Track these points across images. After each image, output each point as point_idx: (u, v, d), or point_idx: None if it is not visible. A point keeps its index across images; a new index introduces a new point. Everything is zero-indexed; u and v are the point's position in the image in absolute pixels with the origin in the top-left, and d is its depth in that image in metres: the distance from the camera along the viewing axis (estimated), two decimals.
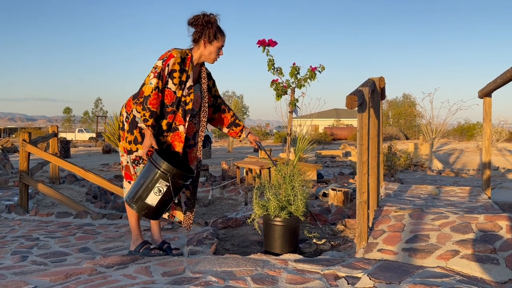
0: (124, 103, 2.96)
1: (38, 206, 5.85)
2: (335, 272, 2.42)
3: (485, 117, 4.51)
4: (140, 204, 2.75)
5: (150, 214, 2.81)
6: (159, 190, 2.71)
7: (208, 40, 2.82)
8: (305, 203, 3.14)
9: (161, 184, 2.70)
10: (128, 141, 2.88)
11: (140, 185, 2.75)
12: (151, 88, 2.69)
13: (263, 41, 3.34)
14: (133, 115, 2.84)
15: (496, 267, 2.44)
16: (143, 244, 3.00)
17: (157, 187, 2.70)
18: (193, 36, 2.88)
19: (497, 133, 18.87)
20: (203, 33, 2.81)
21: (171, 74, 2.75)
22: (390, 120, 40.69)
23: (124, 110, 2.92)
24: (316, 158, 14.32)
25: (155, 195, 2.72)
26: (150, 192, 2.72)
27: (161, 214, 2.86)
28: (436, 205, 3.83)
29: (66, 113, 60.94)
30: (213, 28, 2.81)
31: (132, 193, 2.79)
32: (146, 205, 2.74)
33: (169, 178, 2.68)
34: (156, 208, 2.76)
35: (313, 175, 7.56)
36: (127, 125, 2.88)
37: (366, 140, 2.90)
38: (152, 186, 2.71)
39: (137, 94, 2.85)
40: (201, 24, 2.80)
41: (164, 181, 2.69)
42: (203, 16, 2.81)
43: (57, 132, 8.06)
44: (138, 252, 2.96)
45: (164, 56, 2.76)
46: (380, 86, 3.65)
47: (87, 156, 18.44)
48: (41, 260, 2.94)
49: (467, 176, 8.83)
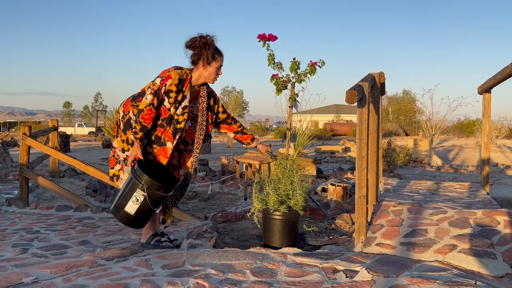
0: (122, 102, 3.04)
1: (38, 199, 5.87)
2: (333, 266, 2.44)
3: (484, 113, 4.52)
4: (121, 212, 2.83)
5: (130, 222, 2.87)
6: (137, 199, 2.79)
7: (206, 62, 2.87)
8: (304, 197, 3.15)
9: (138, 194, 2.78)
10: (121, 139, 2.99)
11: (122, 193, 2.85)
12: (146, 103, 2.77)
13: (263, 36, 3.34)
14: (129, 116, 2.94)
15: (494, 261, 2.46)
16: (154, 236, 3.08)
17: (135, 196, 2.78)
18: (191, 58, 2.93)
19: (497, 129, 18.89)
20: (201, 55, 2.86)
21: (167, 93, 2.83)
22: (390, 116, 40.69)
23: (121, 109, 3.01)
24: (316, 154, 14.34)
25: (133, 203, 2.80)
26: (128, 200, 2.80)
27: (142, 223, 2.92)
28: (434, 200, 3.85)
29: (65, 107, 60.83)
30: (210, 50, 2.86)
31: (115, 200, 2.89)
32: (125, 213, 2.82)
33: (145, 188, 2.76)
34: (135, 217, 2.82)
35: (313, 170, 7.58)
36: (122, 125, 2.98)
37: (365, 135, 2.91)
38: (130, 195, 2.80)
39: (137, 97, 2.96)
40: (199, 47, 2.85)
41: (140, 191, 2.77)
42: (200, 38, 2.86)
43: (57, 126, 8.06)
44: (149, 244, 3.04)
45: (163, 75, 2.82)
46: (380, 82, 3.66)
47: (86, 150, 18.45)
48: (41, 253, 2.96)
49: (466, 172, 8.85)
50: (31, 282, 2.28)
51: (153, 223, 3.13)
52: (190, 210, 5.14)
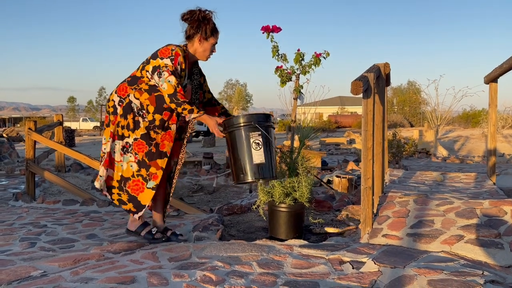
0: (114, 89, 2.86)
1: (44, 194, 5.90)
2: (340, 257, 2.44)
3: (490, 103, 4.48)
4: (252, 170, 2.64)
5: (267, 173, 2.68)
6: (257, 143, 2.62)
7: (204, 37, 2.77)
8: (310, 189, 3.15)
9: (254, 137, 2.62)
10: (121, 125, 2.78)
11: (238, 157, 2.66)
12: (173, 85, 2.63)
13: (267, 27, 3.32)
14: (129, 99, 2.75)
15: (501, 251, 2.45)
16: (144, 225, 2.94)
17: (253, 142, 2.61)
18: (187, 32, 2.80)
19: (503, 119, 18.75)
20: (199, 29, 2.75)
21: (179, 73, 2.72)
22: (395, 108, 40.48)
23: (115, 95, 2.81)
24: (320, 146, 14.31)
25: (257, 150, 2.62)
26: (251, 153, 2.62)
27: (274, 167, 2.74)
28: (440, 191, 3.84)
29: (70, 102, 61.06)
30: (209, 24, 2.76)
31: (238, 170, 2.69)
32: (257, 166, 2.64)
33: (256, 125, 2.60)
34: (267, 163, 2.65)
35: (318, 162, 7.57)
36: (120, 109, 2.77)
37: (371, 126, 2.90)
38: (249, 147, 2.62)
39: (134, 81, 2.78)
40: (197, 20, 2.75)
41: (255, 132, 2.62)
42: (199, 11, 2.76)
43: (62, 121, 8.09)
44: (139, 234, 2.92)
45: (169, 55, 2.68)
46: (385, 72, 3.64)
47: (91, 144, 18.53)
48: (49, 246, 2.98)
49: (472, 163, 8.80)
50: (39, 275, 2.30)
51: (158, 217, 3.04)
52: (195, 203, 5.15)
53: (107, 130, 2.84)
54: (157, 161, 2.78)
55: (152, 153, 2.77)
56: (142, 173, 2.79)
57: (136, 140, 2.76)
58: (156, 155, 2.78)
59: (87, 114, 55.10)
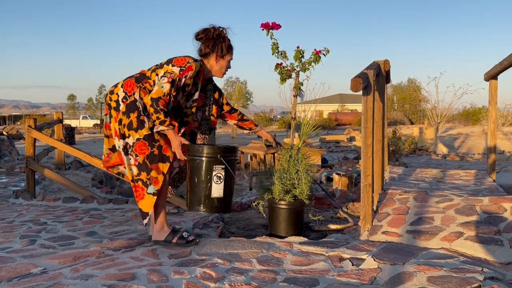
0: (119, 83, 2.73)
1: (44, 191, 5.91)
2: (339, 254, 2.45)
3: (490, 100, 4.48)
4: (208, 202, 2.60)
5: (223, 207, 2.65)
6: (219, 177, 2.57)
7: (220, 55, 2.71)
8: (310, 186, 3.15)
9: (217, 170, 2.56)
10: (122, 124, 2.65)
11: (196, 185, 2.60)
12: (163, 92, 2.52)
13: (267, 24, 3.32)
14: (134, 98, 2.64)
15: (500, 248, 2.45)
16: (174, 232, 2.75)
17: (215, 175, 2.56)
18: (202, 51, 2.73)
19: (503, 117, 18.75)
20: (215, 47, 2.70)
21: (184, 87, 2.65)
22: (395, 105, 40.45)
23: (120, 90, 2.68)
24: (320, 143, 14.31)
25: (217, 184, 2.57)
26: (211, 186, 2.58)
27: (231, 201, 2.70)
28: (440, 188, 3.84)
29: (70, 100, 60.99)
30: (225, 42, 2.72)
31: (193, 198, 2.63)
32: (214, 200, 2.60)
33: (221, 158, 2.55)
34: (225, 197, 2.62)
35: (318, 160, 7.57)
36: (123, 106, 2.65)
37: (370, 123, 2.90)
38: (209, 179, 2.57)
39: (140, 79, 2.69)
40: (212, 38, 2.69)
41: (218, 165, 2.56)
42: (213, 29, 2.70)
43: (62, 119, 8.09)
44: (171, 242, 2.71)
45: (182, 65, 2.61)
46: (385, 69, 3.63)
47: (92, 142, 18.53)
48: (49, 244, 2.98)
49: (472, 160, 8.80)
50: (39, 272, 2.30)
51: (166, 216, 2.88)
52: None
53: (112, 127, 2.72)
54: (159, 165, 2.64)
55: (154, 156, 2.63)
56: (142, 177, 2.63)
57: (139, 141, 2.62)
58: (158, 158, 2.64)
59: (87, 112, 55.01)
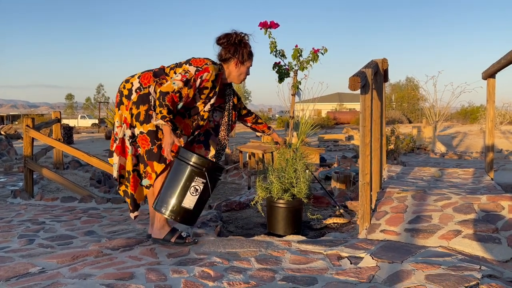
0: (138, 74, 2.74)
1: (43, 191, 5.90)
2: (338, 253, 2.45)
3: (488, 99, 4.49)
4: (176, 209, 2.51)
5: (188, 219, 2.56)
6: (196, 189, 2.48)
7: (241, 60, 2.71)
8: (308, 185, 3.16)
9: (197, 182, 2.48)
10: (131, 113, 2.66)
11: (171, 188, 2.52)
12: (173, 88, 2.50)
13: (265, 23, 3.32)
14: (149, 91, 2.64)
15: (498, 246, 2.46)
16: (173, 232, 2.74)
17: (193, 186, 2.48)
18: (222, 56, 2.72)
19: (501, 115, 18.78)
20: (237, 52, 2.69)
21: (201, 90, 2.63)
22: (393, 104, 40.51)
23: (136, 80, 2.69)
24: (319, 142, 14.32)
25: (192, 195, 2.49)
26: (185, 193, 2.49)
27: (198, 216, 2.64)
28: (438, 187, 3.85)
29: (68, 99, 60.96)
30: (246, 48, 2.72)
31: (162, 199, 2.55)
32: (183, 209, 2.50)
33: (205, 173, 2.47)
34: (194, 210, 2.54)
35: (316, 159, 7.58)
36: (135, 96, 2.65)
37: (368, 122, 2.90)
38: (187, 187, 2.48)
39: (159, 74, 2.69)
40: (234, 44, 2.69)
41: (200, 178, 2.48)
42: (235, 35, 2.70)
43: (60, 118, 8.07)
44: (169, 241, 2.71)
45: (199, 65, 2.60)
46: (383, 68, 3.63)
47: (90, 142, 18.50)
48: (47, 243, 2.98)
49: (470, 159, 8.82)
50: (37, 272, 2.30)
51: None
52: None
53: (118, 114, 2.71)
54: (154, 163, 2.65)
55: (153, 153, 2.65)
56: (139, 168, 2.71)
57: (142, 134, 2.64)
58: (156, 157, 2.65)
59: (85, 112, 54.97)
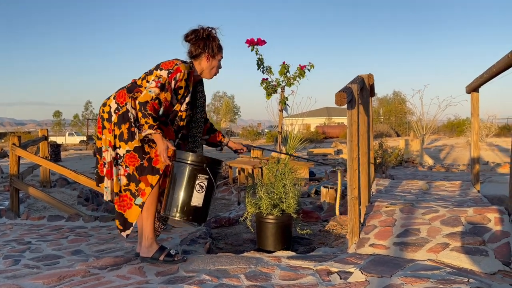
0: (111, 94, 2.74)
1: (29, 210, 5.81)
2: (327, 268, 2.45)
3: (473, 112, 4.57)
4: (186, 210, 2.56)
5: (199, 217, 2.60)
6: (201, 186, 2.55)
7: (212, 54, 2.71)
8: (297, 200, 3.16)
9: (201, 179, 2.55)
10: (114, 134, 2.66)
11: (177, 191, 2.57)
12: (151, 96, 2.52)
13: (252, 40, 3.36)
14: (127, 108, 2.64)
15: (485, 258, 2.48)
16: (161, 250, 2.73)
17: (198, 184, 2.54)
18: (192, 52, 2.73)
19: (487, 128, 19.08)
20: (206, 47, 2.69)
21: (176, 90, 2.64)
22: (381, 117, 40.95)
23: (113, 101, 2.69)
24: (308, 157, 14.36)
25: (198, 193, 2.55)
26: (192, 192, 2.55)
27: (208, 213, 2.67)
28: (426, 200, 3.88)
29: (56, 116, 60.47)
30: (215, 41, 2.72)
31: (170, 203, 2.60)
32: (193, 208, 2.56)
33: (207, 168, 2.54)
34: (204, 207, 2.59)
35: (305, 173, 7.59)
36: (115, 117, 2.66)
37: (355, 137, 2.93)
38: (192, 186, 2.54)
39: (132, 88, 2.69)
40: (202, 39, 2.70)
41: (203, 175, 2.55)
42: (202, 30, 2.70)
43: (47, 136, 8.00)
44: (158, 259, 2.69)
45: (170, 67, 2.61)
46: (369, 83, 3.69)
47: (78, 159, 18.32)
48: (33, 264, 2.92)
49: (457, 171, 8.92)
50: None
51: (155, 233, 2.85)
52: None
53: (104, 139, 2.72)
54: (147, 177, 2.65)
55: (144, 168, 2.64)
56: (131, 187, 2.66)
57: (129, 153, 2.63)
58: (148, 170, 2.65)
59: (73, 128, 54.53)
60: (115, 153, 2.67)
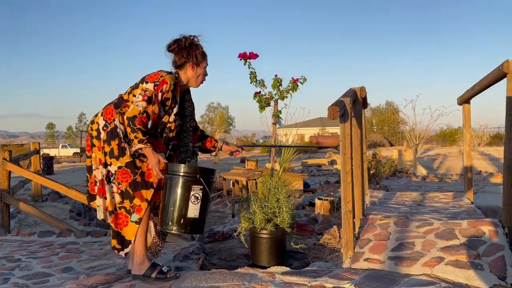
0: (99, 111, 2.72)
1: (20, 225, 5.73)
2: (322, 284, 2.42)
3: (464, 123, 4.60)
4: (183, 222, 2.54)
5: (197, 228, 2.59)
6: (196, 197, 2.54)
7: (196, 62, 2.69)
8: (291, 214, 3.14)
9: (195, 190, 2.54)
10: (104, 151, 2.63)
11: (172, 204, 2.55)
12: (139, 110, 2.50)
13: (244, 54, 3.36)
14: (115, 125, 2.62)
15: (481, 272, 2.46)
16: (154, 267, 2.69)
17: (193, 195, 2.53)
18: (176, 62, 2.71)
19: (478, 137, 19.21)
20: (190, 55, 2.68)
21: (163, 102, 2.61)
22: (374, 127, 41.14)
23: (101, 118, 2.67)
24: (302, 167, 14.36)
25: (194, 204, 2.54)
26: (187, 204, 2.53)
27: (205, 223, 2.65)
28: (420, 212, 3.87)
29: (49, 128, 60.13)
30: (199, 49, 2.70)
31: (166, 217, 2.57)
32: (189, 220, 2.54)
33: (200, 179, 2.54)
34: (200, 218, 2.57)
35: (300, 184, 7.58)
36: (104, 134, 2.63)
37: (349, 150, 2.93)
38: (187, 197, 2.53)
39: (119, 104, 2.67)
40: (185, 47, 2.68)
41: (197, 186, 2.54)
42: (184, 39, 2.69)
43: (39, 149, 7.94)
44: (150, 277, 2.65)
45: (155, 80, 2.58)
46: (361, 96, 3.70)
47: (71, 172, 18.16)
48: (23, 282, 2.86)
49: (451, 181, 8.95)
50: None
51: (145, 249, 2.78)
52: None
53: (94, 157, 2.68)
54: (142, 192, 2.61)
55: (137, 183, 2.61)
56: (125, 205, 2.61)
57: (120, 169, 2.60)
58: (141, 185, 2.62)
59: (66, 141, 54.19)
60: (106, 171, 2.63)
